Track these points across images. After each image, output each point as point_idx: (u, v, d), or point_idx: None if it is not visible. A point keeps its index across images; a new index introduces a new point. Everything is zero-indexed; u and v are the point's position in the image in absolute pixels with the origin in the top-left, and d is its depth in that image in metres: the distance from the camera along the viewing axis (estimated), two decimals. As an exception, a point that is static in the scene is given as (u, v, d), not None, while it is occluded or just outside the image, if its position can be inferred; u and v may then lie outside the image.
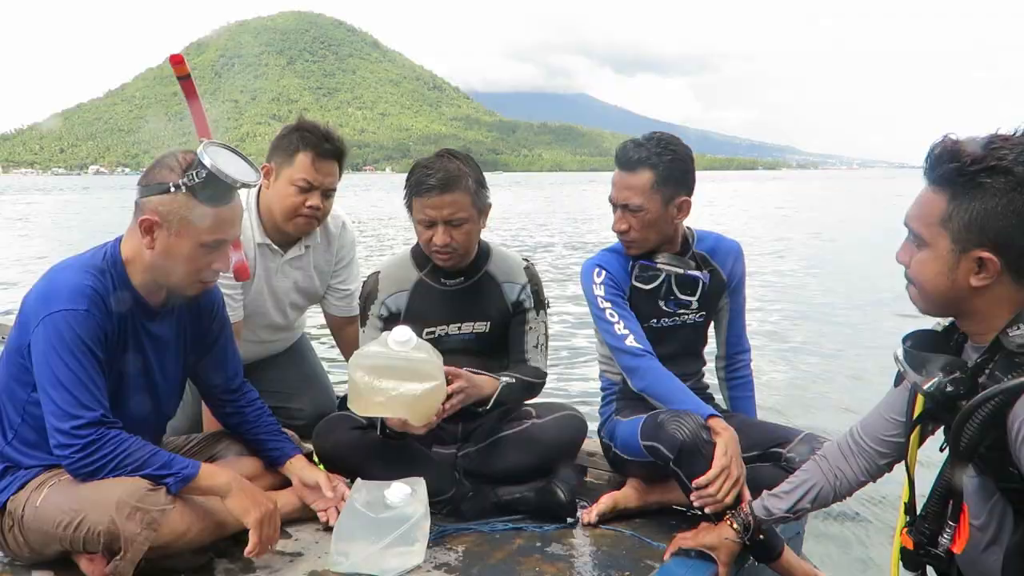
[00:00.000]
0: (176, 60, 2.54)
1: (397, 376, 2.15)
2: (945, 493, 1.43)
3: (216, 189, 1.89)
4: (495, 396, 2.39)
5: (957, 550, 1.43)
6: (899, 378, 1.69)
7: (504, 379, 2.42)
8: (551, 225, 24.51)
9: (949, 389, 1.37)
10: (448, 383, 2.23)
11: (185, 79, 2.50)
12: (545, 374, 2.58)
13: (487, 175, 2.43)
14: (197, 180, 1.87)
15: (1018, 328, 1.34)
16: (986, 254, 1.35)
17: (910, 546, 1.52)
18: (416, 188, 2.35)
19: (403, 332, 2.17)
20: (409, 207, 2.41)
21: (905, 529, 1.55)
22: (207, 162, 1.86)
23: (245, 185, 1.93)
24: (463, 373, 2.30)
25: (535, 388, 2.55)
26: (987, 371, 1.37)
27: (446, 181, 2.31)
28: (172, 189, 1.88)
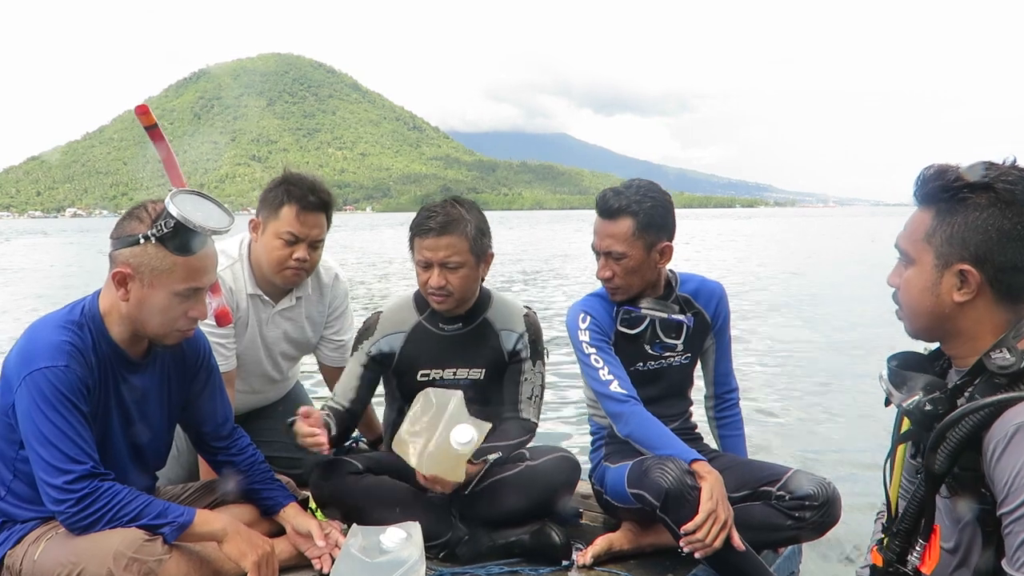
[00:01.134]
0: (142, 111, 2.53)
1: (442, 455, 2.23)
2: (917, 512, 1.45)
3: (185, 238, 1.90)
4: (480, 473, 2.43)
5: (926, 571, 1.44)
6: (888, 400, 1.72)
7: (491, 458, 2.43)
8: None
9: (928, 408, 1.39)
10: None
11: (152, 128, 2.49)
12: (535, 425, 2.60)
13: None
14: (166, 230, 1.89)
15: (1001, 351, 1.36)
16: (967, 267, 1.38)
17: (879, 563, 1.53)
18: (417, 229, 2.41)
19: (466, 433, 2.21)
20: (411, 248, 2.46)
21: (875, 547, 1.56)
22: (174, 212, 1.87)
23: (215, 232, 1.94)
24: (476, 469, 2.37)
25: (523, 446, 2.56)
26: (967, 393, 1.39)
27: (445, 224, 2.36)
28: (141, 240, 1.90)
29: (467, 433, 2.20)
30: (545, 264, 23.42)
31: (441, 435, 2.21)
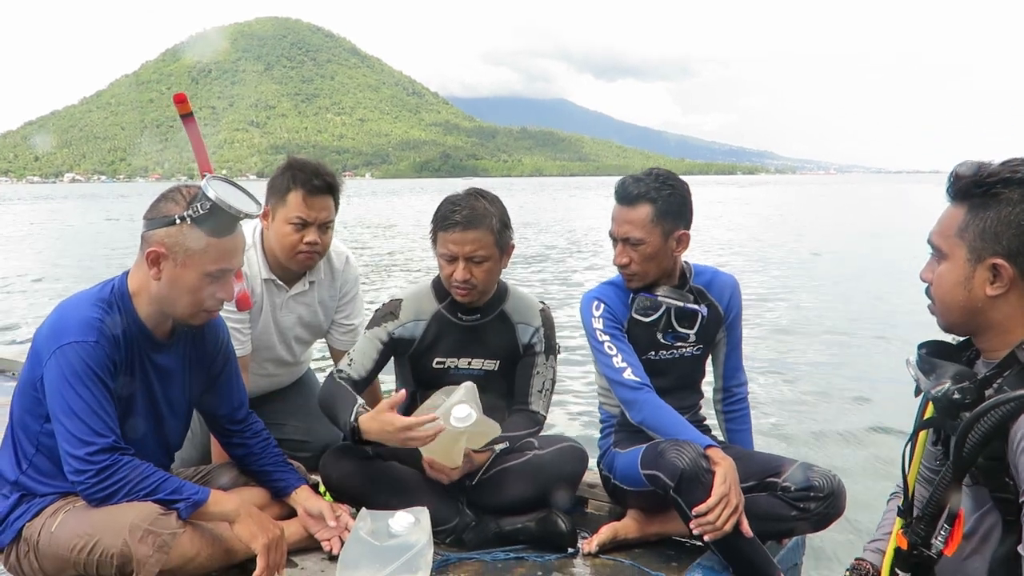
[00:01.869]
0: (179, 99, 2.59)
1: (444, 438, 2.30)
2: (943, 499, 1.45)
3: (219, 220, 1.96)
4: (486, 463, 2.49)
5: (949, 553, 1.46)
6: (918, 388, 1.74)
7: (498, 448, 2.47)
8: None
9: (956, 396, 1.40)
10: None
11: (188, 117, 2.55)
12: (543, 419, 2.62)
13: (465, 180, 2.46)
14: (201, 212, 1.94)
15: None
16: (1000, 261, 1.40)
17: (904, 546, 1.54)
18: (441, 223, 2.41)
19: (461, 409, 2.27)
20: (434, 240, 2.46)
21: (900, 531, 1.58)
22: (211, 194, 1.93)
23: (248, 216, 1.99)
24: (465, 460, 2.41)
25: (531, 436, 2.58)
26: (996, 384, 1.40)
27: (471, 219, 2.37)
28: (177, 221, 1.95)
29: (464, 410, 2.25)
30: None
31: (441, 414, 2.26)
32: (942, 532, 1.46)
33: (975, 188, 1.42)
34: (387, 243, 21.06)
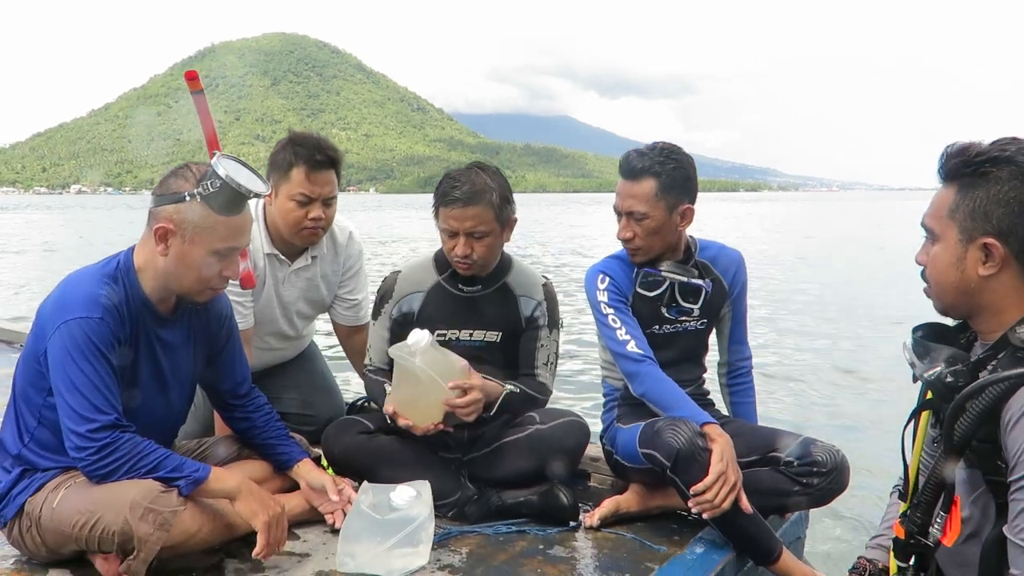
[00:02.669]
0: (191, 75, 2.59)
1: (404, 380, 2.32)
2: (937, 484, 1.45)
3: (229, 198, 1.95)
4: (498, 402, 2.44)
5: (947, 543, 1.45)
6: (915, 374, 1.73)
7: (509, 387, 2.48)
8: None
9: (949, 379, 1.40)
10: (465, 393, 2.31)
11: (199, 94, 2.55)
12: (550, 391, 2.62)
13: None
14: (211, 189, 1.94)
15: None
16: (990, 240, 1.39)
17: (901, 536, 1.54)
18: (442, 198, 2.41)
19: (414, 335, 2.29)
20: (436, 215, 2.47)
21: (898, 519, 1.57)
22: (221, 172, 1.93)
23: (257, 195, 1.99)
24: (477, 384, 2.34)
25: (537, 403, 2.59)
26: (990, 366, 1.40)
27: (471, 194, 2.37)
28: (187, 198, 1.95)
29: (416, 335, 2.27)
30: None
31: (394, 354, 2.32)
32: (938, 519, 1.46)
33: (964, 168, 1.42)
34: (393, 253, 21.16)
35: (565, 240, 26.55)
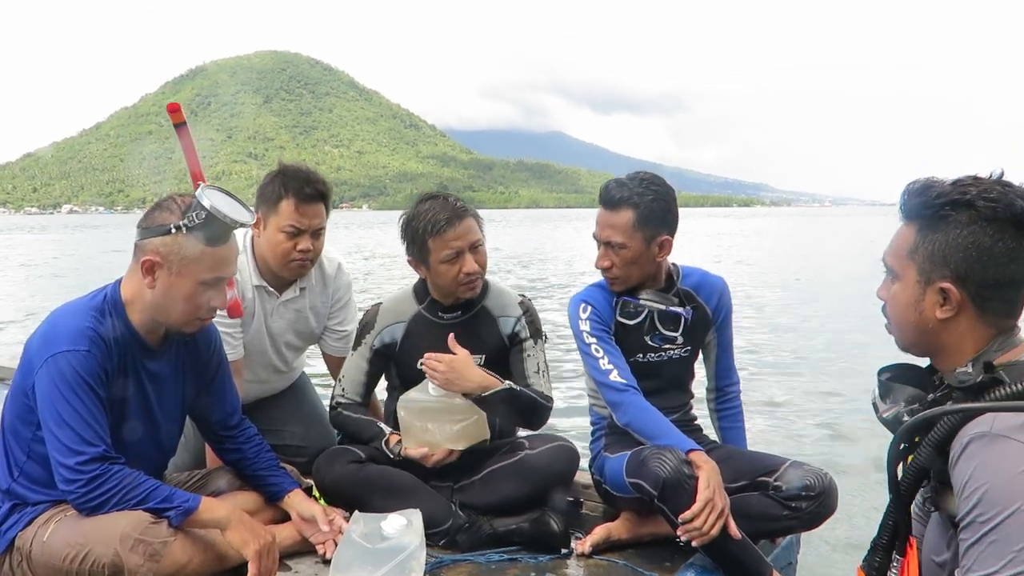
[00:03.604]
0: (173, 108, 2.58)
1: (438, 417, 2.42)
2: (893, 526, 1.43)
3: (214, 229, 1.97)
4: (498, 390, 2.43)
5: None
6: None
7: (508, 383, 2.48)
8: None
9: (905, 419, 1.39)
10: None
11: (181, 126, 2.55)
12: (550, 398, 2.61)
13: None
14: (197, 221, 1.95)
15: (966, 366, 1.36)
16: (948, 285, 1.37)
17: None
18: (432, 229, 2.43)
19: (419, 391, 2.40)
20: (424, 254, 2.47)
21: (860, 565, 1.53)
22: (206, 203, 1.95)
23: (242, 224, 2.01)
24: (445, 359, 2.43)
25: (540, 408, 2.55)
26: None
27: (457, 211, 2.43)
28: (172, 230, 1.96)
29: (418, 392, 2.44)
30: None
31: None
32: (894, 565, 1.43)
33: (924, 210, 1.39)
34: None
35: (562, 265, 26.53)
